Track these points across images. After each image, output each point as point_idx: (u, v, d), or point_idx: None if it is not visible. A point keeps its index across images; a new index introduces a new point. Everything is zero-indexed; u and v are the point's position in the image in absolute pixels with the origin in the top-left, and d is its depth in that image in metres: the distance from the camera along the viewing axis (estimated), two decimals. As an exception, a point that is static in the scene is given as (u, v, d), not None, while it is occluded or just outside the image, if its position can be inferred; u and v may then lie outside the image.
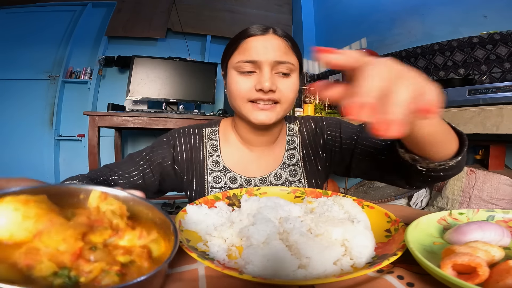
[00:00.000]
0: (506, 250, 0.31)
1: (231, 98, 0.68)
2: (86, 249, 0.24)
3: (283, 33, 0.67)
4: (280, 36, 0.66)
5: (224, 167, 0.74)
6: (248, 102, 0.65)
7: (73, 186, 0.30)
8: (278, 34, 0.66)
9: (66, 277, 0.21)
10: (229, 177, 0.73)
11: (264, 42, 0.64)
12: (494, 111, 1.17)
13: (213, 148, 0.76)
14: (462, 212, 0.40)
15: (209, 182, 0.73)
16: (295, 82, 0.67)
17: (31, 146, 3.06)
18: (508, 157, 1.64)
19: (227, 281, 0.30)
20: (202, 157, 0.75)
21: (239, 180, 0.73)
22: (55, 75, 3.08)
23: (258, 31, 0.65)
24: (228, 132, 0.78)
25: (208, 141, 0.76)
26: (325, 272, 0.31)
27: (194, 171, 0.74)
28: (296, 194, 0.57)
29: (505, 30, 1.64)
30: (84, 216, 0.27)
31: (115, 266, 0.23)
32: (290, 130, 0.80)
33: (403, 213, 0.51)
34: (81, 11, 3.21)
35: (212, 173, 0.73)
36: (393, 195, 2.01)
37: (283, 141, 0.78)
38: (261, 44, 0.64)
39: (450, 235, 0.35)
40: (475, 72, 1.79)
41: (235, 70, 0.66)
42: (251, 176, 0.74)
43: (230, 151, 0.76)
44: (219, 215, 0.43)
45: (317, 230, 0.37)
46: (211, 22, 3.30)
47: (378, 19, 2.45)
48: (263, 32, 0.65)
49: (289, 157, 0.76)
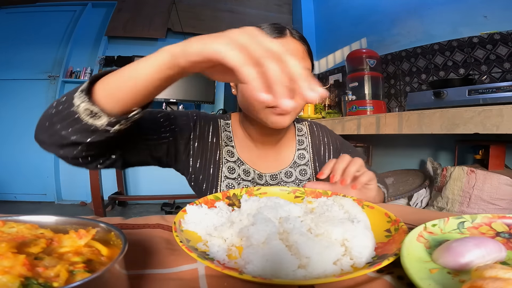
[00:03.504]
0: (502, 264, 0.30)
1: (246, 102, 0.67)
2: (31, 260, 0.21)
3: (299, 36, 0.67)
4: (298, 40, 0.66)
5: (239, 158, 0.74)
6: (266, 108, 0.64)
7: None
8: (295, 37, 0.66)
9: (38, 285, 0.19)
10: (243, 169, 0.73)
11: (283, 46, 0.63)
12: (494, 111, 1.17)
13: (228, 139, 0.76)
14: (434, 223, 0.38)
15: (223, 171, 0.72)
16: None
17: (31, 146, 3.03)
18: (508, 157, 1.64)
19: (227, 281, 0.30)
20: (219, 145, 0.74)
21: (252, 173, 0.73)
22: (55, 75, 3.08)
23: (275, 33, 0.64)
24: (236, 127, 0.78)
25: (223, 131, 0.76)
26: (325, 272, 0.31)
27: (209, 157, 0.73)
28: (296, 194, 0.57)
29: (505, 30, 1.64)
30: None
31: (78, 265, 0.22)
32: (299, 130, 0.83)
33: (403, 213, 0.51)
34: (81, 11, 3.21)
35: (227, 163, 0.73)
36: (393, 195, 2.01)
37: (293, 141, 0.81)
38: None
39: (444, 259, 0.31)
40: (475, 72, 1.79)
41: None
42: (262, 172, 0.74)
43: (240, 146, 0.76)
44: (219, 215, 0.43)
45: (317, 230, 0.37)
46: (211, 22, 3.30)
47: (378, 19, 2.45)
48: (280, 35, 0.65)
49: (300, 157, 0.79)
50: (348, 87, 2.22)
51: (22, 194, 3.12)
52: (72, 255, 0.24)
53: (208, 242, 0.38)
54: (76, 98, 0.41)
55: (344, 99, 2.24)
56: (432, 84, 1.74)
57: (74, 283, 0.18)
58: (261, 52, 0.32)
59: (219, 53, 0.33)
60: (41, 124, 0.47)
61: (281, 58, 0.32)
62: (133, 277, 0.29)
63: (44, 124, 0.46)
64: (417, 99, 1.63)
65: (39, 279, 0.20)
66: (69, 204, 3.17)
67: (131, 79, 0.40)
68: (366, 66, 2.13)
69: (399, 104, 2.26)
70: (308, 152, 0.80)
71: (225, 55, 0.32)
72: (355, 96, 2.16)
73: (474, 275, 0.27)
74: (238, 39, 0.33)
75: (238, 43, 0.32)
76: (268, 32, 0.65)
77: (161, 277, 0.31)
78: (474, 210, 1.53)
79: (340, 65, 2.82)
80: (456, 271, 0.30)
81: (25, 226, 0.27)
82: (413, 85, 2.17)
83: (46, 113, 0.47)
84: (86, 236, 0.26)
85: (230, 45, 0.32)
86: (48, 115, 0.46)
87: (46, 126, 0.46)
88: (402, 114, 1.54)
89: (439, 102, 1.48)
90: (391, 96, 2.32)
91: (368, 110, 2.06)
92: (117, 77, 0.42)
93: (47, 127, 0.45)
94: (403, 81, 2.23)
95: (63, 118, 0.43)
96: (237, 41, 0.33)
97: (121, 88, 0.41)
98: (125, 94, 0.41)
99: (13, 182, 3.08)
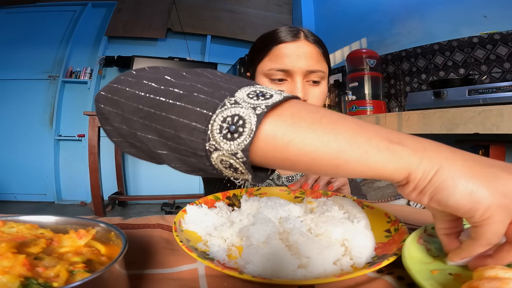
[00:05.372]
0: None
1: None
2: (31, 260, 0.21)
3: (314, 38, 0.66)
4: (312, 43, 0.65)
5: None
6: None
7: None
8: (310, 40, 0.65)
9: (37, 285, 0.19)
10: None
11: (297, 49, 0.63)
12: (494, 111, 1.17)
13: None
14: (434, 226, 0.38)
15: None
16: (324, 91, 0.67)
17: (31, 146, 3.06)
18: (508, 157, 1.64)
19: (227, 281, 0.30)
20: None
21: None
22: (55, 75, 3.08)
23: (289, 37, 0.64)
24: None
25: None
26: (325, 272, 0.31)
27: None
28: (296, 194, 0.57)
29: (505, 30, 1.64)
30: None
31: (78, 265, 0.22)
32: None
33: (403, 213, 0.51)
34: (81, 11, 3.21)
35: None
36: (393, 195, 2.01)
37: None
38: (294, 52, 0.63)
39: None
40: (475, 72, 1.79)
41: (265, 77, 0.65)
42: (279, 173, 0.74)
43: None
44: (219, 215, 0.43)
45: (317, 230, 0.37)
46: (211, 22, 3.30)
47: (378, 19, 2.45)
48: (295, 38, 0.64)
49: None
50: (348, 87, 2.22)
51: (22, 194, 3.12)
52: (72, 255, 0.24)
53: (208, 242, 0.38)
54: (218, 137, 0.24)
55: (344, 99, 2.24)
56: (432, 84, 1.74)
57: (74, 283, 0.18)
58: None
59: (492, 220, 0.24)
60: (118, 104, 0.29)
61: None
62: (133, 277, 0.29)
63: (124, 109, 0.28)
64: (417, 99, 1.63)
65: (39, 279, 0.20)
66: (69, 204, 3.17)
67: (336, 153, 0.24)
68: (366, 66, 2.13)
69: (399, 104, 2.26)
70: None
71: (496, 226, 0.24)
72: (355, 96, 2.16)
73: (475, 275, 0.27)
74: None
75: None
76: (283, 35, 0.64)
77: (161, 277, 0.31)
78: (474, 210, 1.53)
79: (340, 65, 2.82)
80: (458, 272, 0.30)
81: (25, 226, 0.27)
82: (413, 85, 2.17)
83: (133, 95, 0.27)
84: (86, 236, 0.26)
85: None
86: (141, 107, 0.27)
87: (127, 118, 0.28)
88: (402, 114, 1.54)
89: (439, 102, 1.48)
90: (391, 96, 2.32)
91: (368, 110, 2.06)
92: (310, 134, 0.25)
93: (128, 121, 0.28)
94: (403, 81, 2.23)
95: (172, 139, 0.26)
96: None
97: (309, 149, 0.25)
98: (307, 159, 0.25)
99: (13, 182, 3.08)
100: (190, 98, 0.25)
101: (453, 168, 0.24)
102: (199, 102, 0.24)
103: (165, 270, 0.32)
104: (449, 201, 0.24)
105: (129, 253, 0.24)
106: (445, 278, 0.29)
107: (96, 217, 0.45)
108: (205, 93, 0.25)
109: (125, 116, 0.28)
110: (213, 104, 0.24)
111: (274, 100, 0.24)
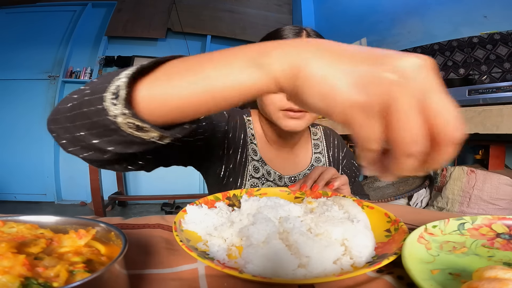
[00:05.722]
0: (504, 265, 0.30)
1: (262, 104, 0.67)
2: (31, 260, 0.21)
3: (316, 37, 0.66)
4: None
5: (261, 158, 0.73)
6: (280, 111, 0.64)
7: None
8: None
9: (37, 285, 0.19)
10: (266, 169, 0.72)
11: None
12: (494, 111, 1.18)
13: (252, 136, 0.74)
14: (435, 225, 0.38)
15: (249, 170, 0.71)
16: None
17: (31, 146, 3.06)
18: (508, 157, 1.64)
19: (227, 280, 0.30)
20: (246, 141, 0.72)
21: (272, 175, 0.72)
22: (55, 75, 3.08)
23: (292, 35, 0.64)
24: (256, 125, 0.77)
25: (247, 127, 0.75)
26: (324, 271, 0.31)
27: (240, 152, 0.71)
28: (296, 194, 0.57)
29: (505, 30, 1.64)
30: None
31: (78, 265, 0.22)
32: (314, 134, 0.83)
33: (403, 213, 0.51)
34: (81, 11, 3.21)
35: (252, 161, 0.72)
36: (393, 195, 2.01)
37: (309, 145, 0.81)
38: None
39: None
40: (475, 72, 1.79)
41: None
42: (282, 173, 0.74)
43: (260, 145, 0.75)
44: (219, 215, 0.43)
45: (317, 230, 0.37)
46: (211, 22, 3.30)
47: (378, 19, 2.45)
48: (297, 36, 0.64)
49: (316, 161, 0.79)
50: (348, 87, 2.22)
51: (22, 194, 3.12)
52: (72, 255, 0.24)
53: (208, 242, 0.38)
54: (110, 106, 0.28)
55: (344, 99, 2.24)
56: (432, 84, 1.74)
57: (74, 283, 0.18)
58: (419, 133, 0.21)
59: (353, 124, 0.22)
60: (57, 120, 0.34)
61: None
62: (133, 277, 0.29)
63: (61, 122, 0.34)
64: (417, 99, 1.63)
65: (39, 279, 0.20)
66: (69, 204, 3.17)
67: (203, 93, 0.28)
68: (366, 66, 2.13)
69: (399, 104, 2.26)
70: (323, 156, 0.81)
71: (359, 129, 0.22)
72: (355, 96, 2.15)
73: (475, 276, 0.27)
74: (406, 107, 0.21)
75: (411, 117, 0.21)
76: (286, 33, 0.65)
77: (161, 277, 0.31)
78: (474, 210, 1.54)
79: (340, 65, 2.82)
80: (458, 272, 0.30)
81: (25, 226, 0.27)
82: (413, 85, 2.17)
83: (63, 109, 0.34)
84: (86, 236, 0.26)
85: (368, 116, 0.21)
86: (68, 115, 0.33)
87: (65, 127, 0.34)
88: (402, 114, 1.54)
89: (439, 102, 1.48)
90: (391, 96, 2.32)
91: (368, 110, 2.06)
92: (177, 85, 0.29)
93: (67, 129, 0.34)
94: (403, 81, 2.23)
95: (92, 126, 0.31)
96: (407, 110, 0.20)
97: (183, 98, 0.29)
98: (185, 107, 0.29)
99: (13, 182, 3.08)
100: (93, 90, 0.31)
101: (309, 67, 0.23)
102: (97, 90, 0.30)
103: (165, 270, 0.32)
104: (308, 103, 0.24)
105: (129, 253, 0.24)
106: (445, 278, 0.29)
107: (96, 217, 0.45)
108: (101, 83, 0.30)
109: (64, 126, 0.34)
110: (104, 87, 0.29)
111: (145, 65, 0.29)
